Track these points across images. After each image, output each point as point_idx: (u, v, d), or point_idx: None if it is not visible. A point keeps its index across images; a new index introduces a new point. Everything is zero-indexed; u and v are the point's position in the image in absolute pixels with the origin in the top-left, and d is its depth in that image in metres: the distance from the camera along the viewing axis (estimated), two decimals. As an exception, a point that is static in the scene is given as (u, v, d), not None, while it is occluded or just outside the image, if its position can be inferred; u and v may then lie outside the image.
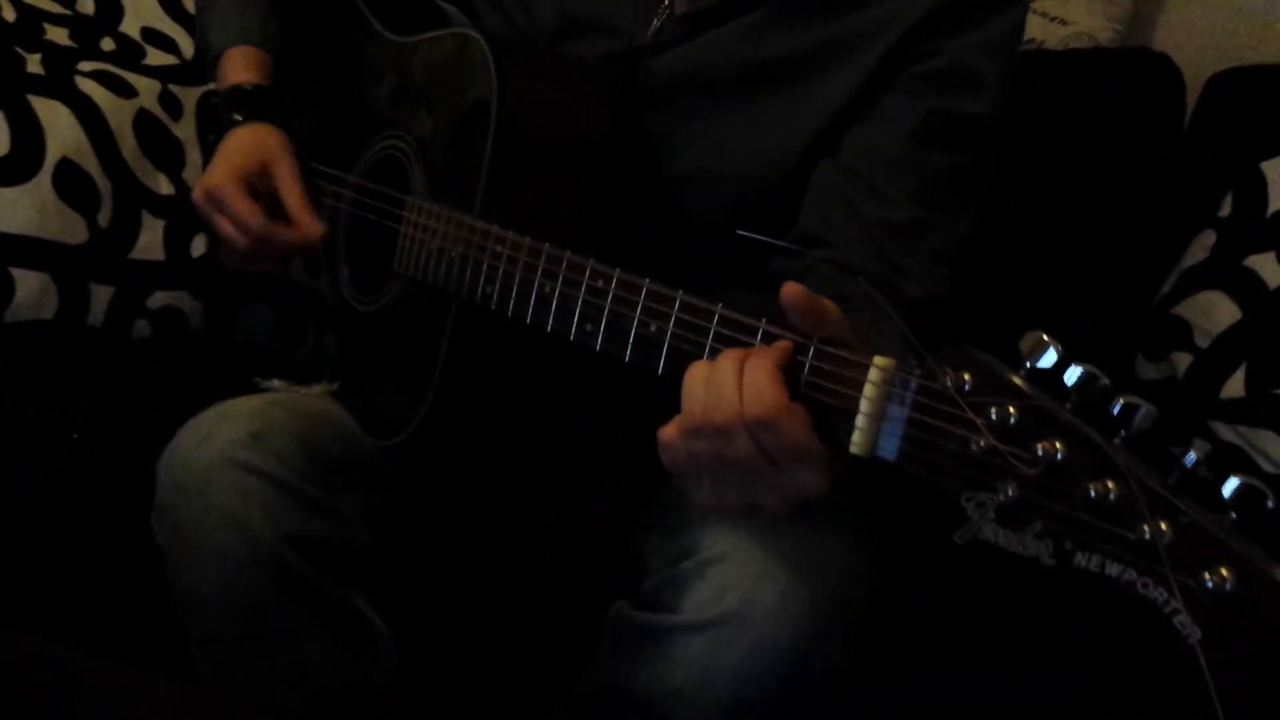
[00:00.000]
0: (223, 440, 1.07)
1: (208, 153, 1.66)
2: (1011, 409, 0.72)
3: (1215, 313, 1.54)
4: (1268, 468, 1.46)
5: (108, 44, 1.67)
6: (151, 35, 1.72)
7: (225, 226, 1.23)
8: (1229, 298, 1.53)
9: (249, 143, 1.26)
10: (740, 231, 0.99)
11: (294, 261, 1.33)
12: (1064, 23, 1.88)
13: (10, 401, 1.40)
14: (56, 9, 1.67)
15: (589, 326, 0.96)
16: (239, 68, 1.32)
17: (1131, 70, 1.80)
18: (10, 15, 1.61)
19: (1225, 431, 1.48)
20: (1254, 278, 1.53)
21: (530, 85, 1.11)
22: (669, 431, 0.87)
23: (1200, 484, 0.68)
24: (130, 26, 1.71)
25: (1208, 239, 1.61)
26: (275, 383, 1.25)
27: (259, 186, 1.24)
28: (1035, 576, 0.72)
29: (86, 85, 1.59)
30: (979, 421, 0.73)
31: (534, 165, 1.10)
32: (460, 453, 1.18)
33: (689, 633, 0.96)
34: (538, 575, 1.24)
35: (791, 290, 0.84)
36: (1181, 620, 0.67)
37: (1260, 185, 1.59)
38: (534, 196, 1.09)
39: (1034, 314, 1.66)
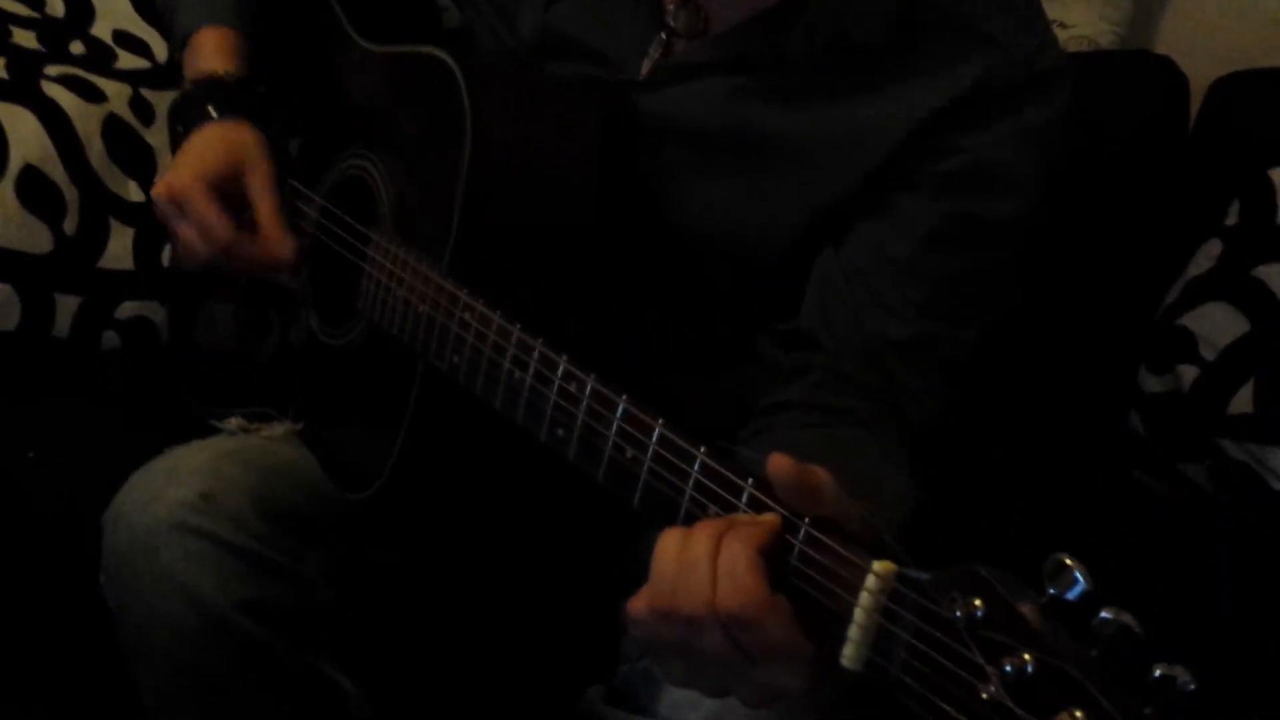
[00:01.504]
0: (171, 501, 1.01)
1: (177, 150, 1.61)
2: (1028, 658, 0.61)
3: (1222, 324, 1.50)
4: (1278, 486, 1.42)
5: (77, 47, 1.62)
6: (123, 38, 1.67)
7: (187, 232, 1.11)
8: (1236, 309, 1.50)
9: (223, 141, 1.14)
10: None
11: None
12: (1063, 26, 1.84)
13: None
14: (24, 11, 1.62)
15: (560, 432, 0.86)
16: (212, 52, 1.19)
17: (1133, 74, 1.76)
18: (-25, 18, 1.57)
19: (1234, 449, 1.44)
20: (1262, 289, 1.49)
21: (509, 125, 1.02)
22: (638, 606, 0.75)
23: None
24: (101, 29, 1.66)
25: (1214, 248, 1.57)
26: (232, 422, 1.16)
27: (229, 191, 1.12)
28: None
29: (53, 90, 1.54)
30: (990, 670, 0.62)
31: (510, 217, 1.01)
32: (431, 508, 1.11)
33: None
34: (515, 633, 1.18)
35: (779, 464, 0.72)
36: None
37: (1268, 193, 1.55)
38: (510, 251, 1.01)
39: (1032, 326, 1.62)
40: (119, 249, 1.54)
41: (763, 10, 1.04)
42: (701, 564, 0.71)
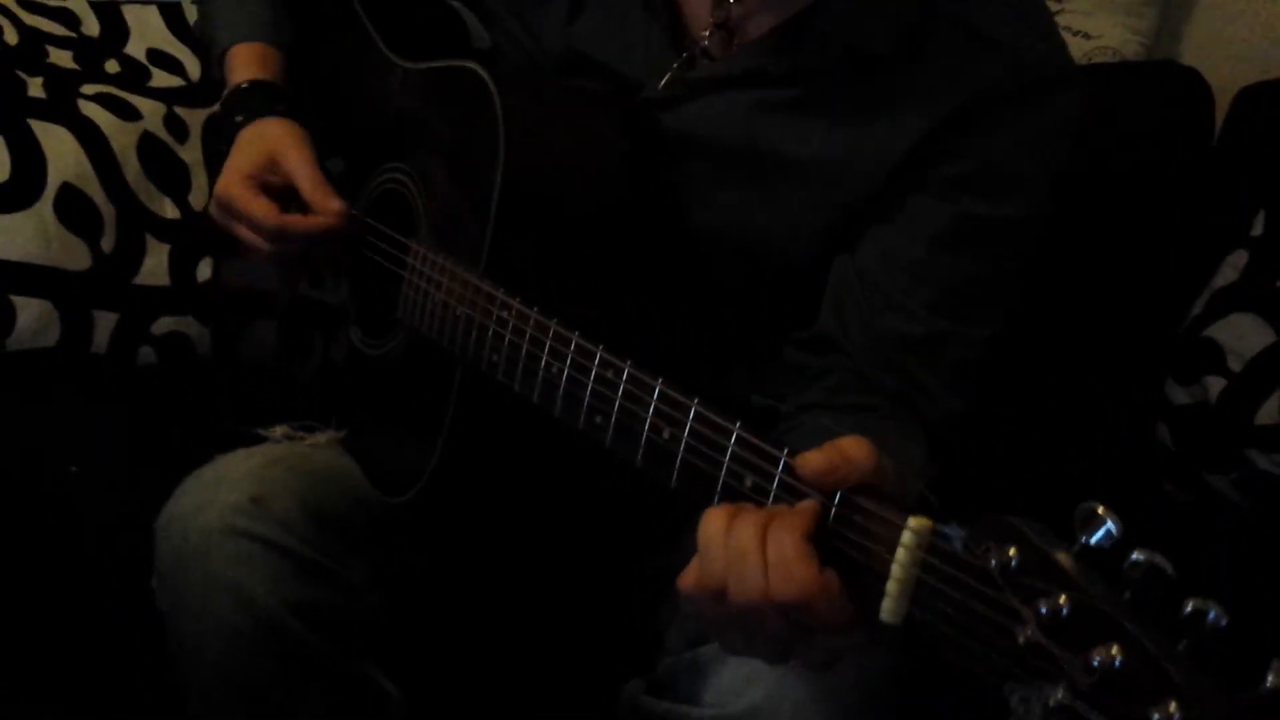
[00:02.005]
0: (222, 506, 1.03)
1: (214, 175, 1.64)
2: (1063, 601, 0.63)
3: (1248, 335, 1.50)
4: (1307, 498, 1.42)
5: (112, 66, 1.65)
6: (157, 56, 1.70)
7: (244, 232, 1.16)
8: (1262, 320, 1.49)
9: (257, 139, 1.18)
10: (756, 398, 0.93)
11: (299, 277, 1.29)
12: (1088, 36, 1.84)
13: (10, 431, 1.37)
14: (60, 31, 1.65)
15: (598, 419, 0.89)
16: (242, 65, 1.23)
17: (1159, 84, 1.76)
18: (12, 38, 1.59)
19: (1261, 460, 1.44)
20: (1288, 300, 1.49)
21: (540, 134, 1.05)
22: (688, 584, 0.77)
23: (1275, 711, 0.59)
24: (135, 48, 1.69)
25: (1239, 259, 1.57)
26: (278, 431, 1.19)
27: (272, 182, 1.16)
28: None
29: (89, 109, 1.57)
30: (1026, 612, 0.64)
31: (542, 220, 1.04)
32: (471, 511, 1.13)
33: None
34: (552, 635, 1.20)
35: (804, 463, 0.75)
36: None
37: (1294, 203, 1.55)
38: (542, 255, 1.04)
39: (1059, 338, 1.62)
40: (155, 265, 1.57)
41: (781, 24, 1.06)
42: (750, 554, 0.74)
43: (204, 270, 1.60)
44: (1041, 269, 1.59)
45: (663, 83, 1.11)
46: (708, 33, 1.10)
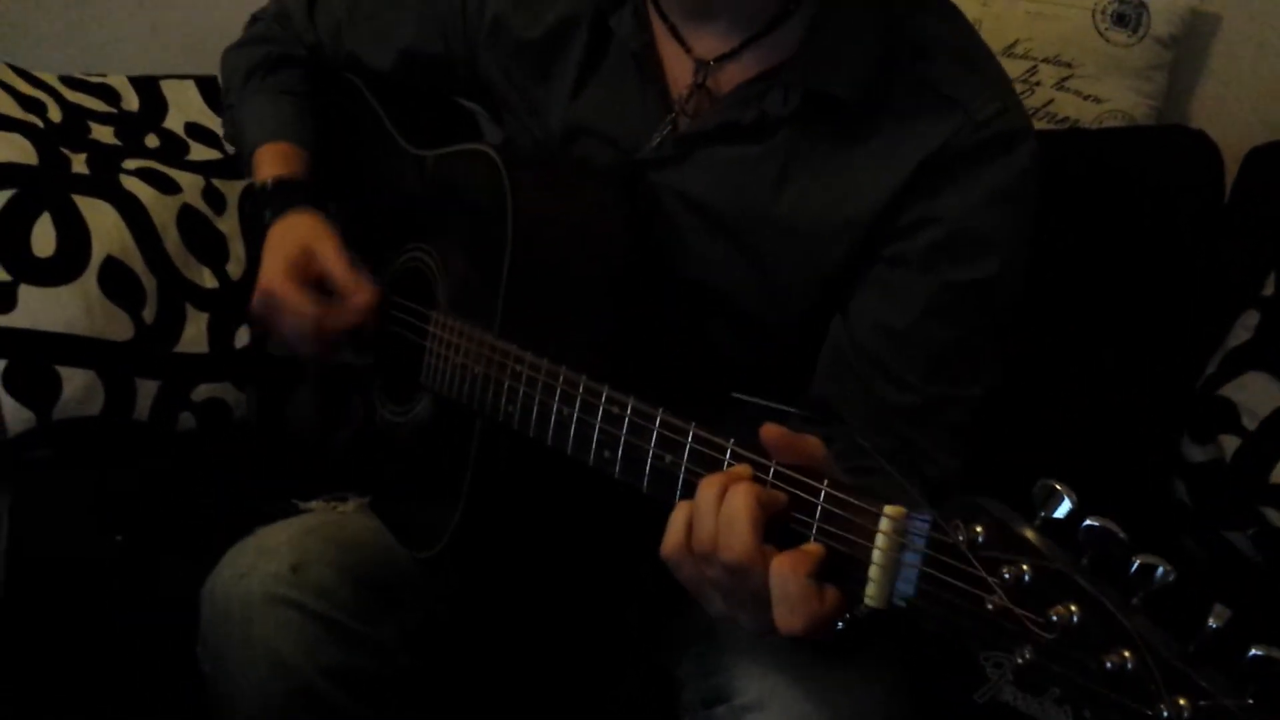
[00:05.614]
0: (263, 574, 1.08)
1: (251, 245, 1.69)
2: (1025, 568, 0.70)
3: (1262, 394, 1.53)
4: (1322, 555, 1.44)
5: (152, 141, 1.70)
6: (195, 130, 1.75)
7: (285, 323, 1.24)
8: (1275, 379, 1.52)
9: (288, 234, 1.27)
10: (736, 395, 0.98)
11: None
12: (1098, 100, 1.88)
13: (56, 500, 1.41)
14: (102, 107, 1.70)
15: (606, 454, 0.95)
16: (268, 162, 1.34)
17: (1168, 147, 1.79)
18: (56, 115, 1.64)
19: (1276, 518, 1.47)
20: (1301, 359, 1.52)
21: (544, 201, 1.12)
22: (666, 545, 0.87)
23: (1221, 652, 0.65)
24: (174, 122, 1.74)
25: (1251, 319, 1.60)
26: (314, 504, 1.25)
27: (308, 273, 1.24)
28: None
29: (131, 183, 1.62)
30: (992, 581, 0.71)
31: (550, 282, 1.11)
32: (494, 565, 1.18)
33: None
34: (571, 695, 1.23)
35: (770, 432, 0.83)
36: None
37: (1304, 264, 1.58)
38: (551, 313, 1.10)
39: (1076, 398, 1.65)
40: (194, 333, 1.61)
41: (748, 79, 1.12)
42: (708, 514, 0.84)
43: (241, 337, 1.65)
44: (1056, 329, 1.64)
45: (653, 144, 1.17)
46: (687, 92, 1.16)
